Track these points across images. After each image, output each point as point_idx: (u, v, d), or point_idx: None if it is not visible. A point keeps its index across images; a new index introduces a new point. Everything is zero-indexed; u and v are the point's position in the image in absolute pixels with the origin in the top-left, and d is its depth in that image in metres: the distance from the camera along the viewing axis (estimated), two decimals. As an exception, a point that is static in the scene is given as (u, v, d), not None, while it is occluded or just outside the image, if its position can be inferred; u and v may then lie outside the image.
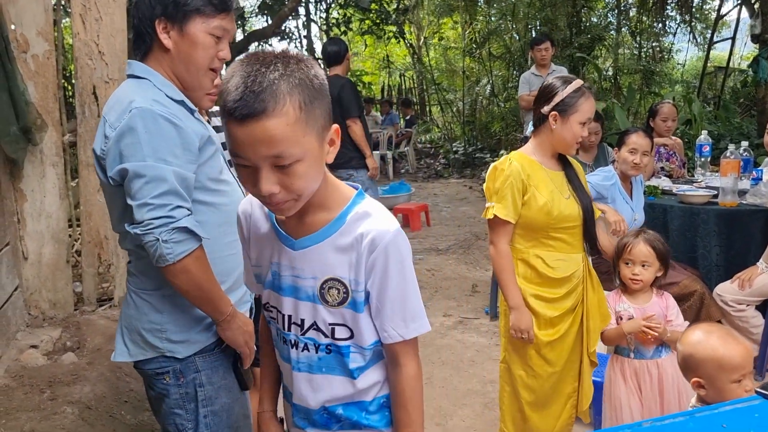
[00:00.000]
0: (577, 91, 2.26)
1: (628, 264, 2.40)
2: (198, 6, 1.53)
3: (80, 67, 3.79)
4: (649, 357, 2.35)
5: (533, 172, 2.29)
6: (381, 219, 1.22)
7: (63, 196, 3.77)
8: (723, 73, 10.76)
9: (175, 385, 1.57)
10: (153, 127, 1.43)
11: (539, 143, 2.36)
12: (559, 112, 2.27)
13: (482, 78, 12.22)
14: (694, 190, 3.77)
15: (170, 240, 1.41)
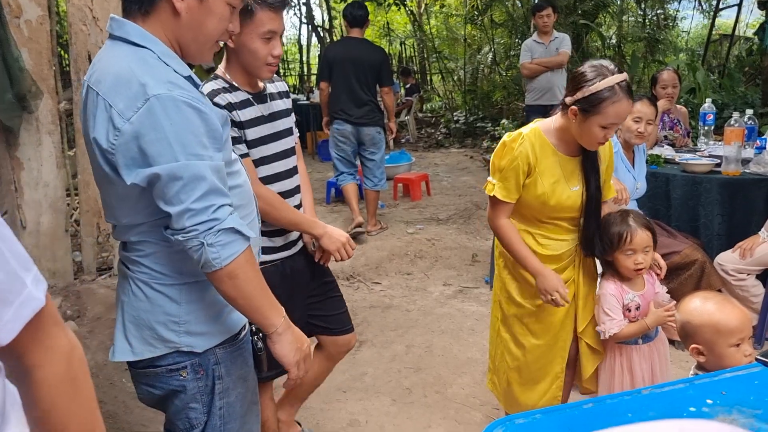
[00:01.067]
0: (608, 90, 1.96)
1: (630, 254, 2.21)
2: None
3: (74, 33, 3.72)
4: (654, 336, 2.30)
5: (543, 157, 2.13)
6: None
7: (60, 165, 3.74)
8: (728, 41, 10.61)
9: (193, 380, 1.45)
10: (178, 118, 1.27)
11: (560, 126, 2.14)
12: (581, 109, 2.01)
13: (484, 46, 12.05)
14: (697, 159, 3.73)
15: (216, 243, 1.29)
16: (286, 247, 2.13)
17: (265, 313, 1.41)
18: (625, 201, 3.12)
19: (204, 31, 1.39)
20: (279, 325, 1.43)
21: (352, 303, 4.15)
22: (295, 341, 1.47)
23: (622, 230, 2.20)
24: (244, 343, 1.56)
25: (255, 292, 1.37)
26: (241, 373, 1.54)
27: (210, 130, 1.33)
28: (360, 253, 4.96)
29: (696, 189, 3.49)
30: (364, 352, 3.50)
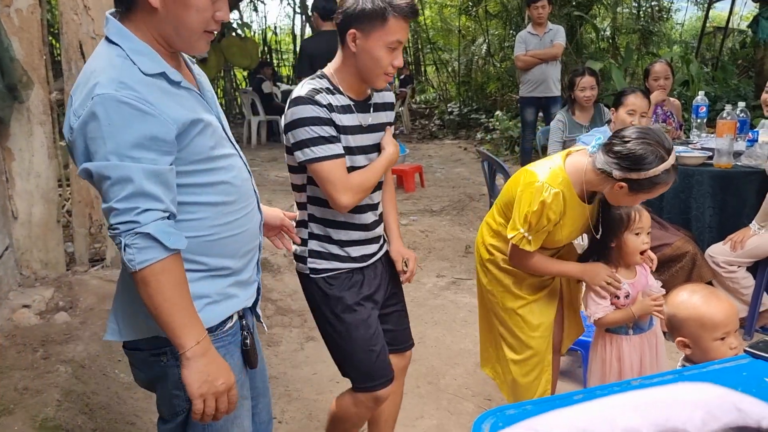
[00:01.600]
0: (665, 173, 1.94)
1: (638, 234, 2.18)
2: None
3: (65, 23, 3.69)
4: (647, 329, 2.29)
5: (569, 210, 2.09)
6: None
7: (52, 156, 3.72)
8: (722, 34, 10.62)
9: (173, 366, 1.43)
10: (117, 117, 1.26)
11: (591, 180, 2.05)
12: (631, 187, 1.96)
13: (478, 37, 12.03)
14: (689, 152, 3.74)
15: (132, 245, 1.27)
16: (361, 260, 2.05)
17: (174, 330, 1.32)
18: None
19: (184, 23, 1.35)
20: (188, 348, 1.33)
21: (346, 294, 4.16)
22: (207, 373, 1.35)
23: (629, 211, 2.19)
24: (228, 336, 1.52)
25: (164, 306, 1.31)
26: (232, 363, 1.50)
27: (157, 133, 1.29)
28: (353, 244, 4.97)
29: (688, 181, 3.50)
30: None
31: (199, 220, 1.42)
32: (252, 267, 1.59)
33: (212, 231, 1.44)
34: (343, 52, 1.92)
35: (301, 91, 1.88)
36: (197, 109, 1.41)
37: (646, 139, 1.94)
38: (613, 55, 9.88)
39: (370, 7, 1.80)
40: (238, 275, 1.53)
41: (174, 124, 1.32)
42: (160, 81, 1.35)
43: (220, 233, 1.46)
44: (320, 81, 1.94)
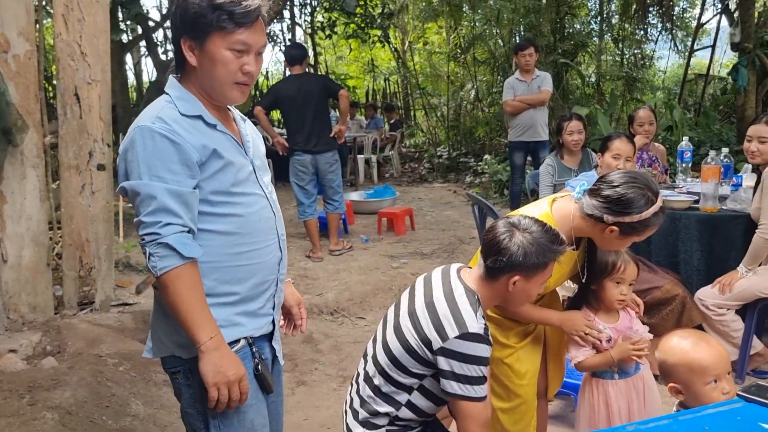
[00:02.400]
0: (655, 216, 1.97)
1: (618, 283, 2.21)
2: (215, 22, 1.51)
3: (62, 68, 3.75)
4: (633, 373, 2.26)
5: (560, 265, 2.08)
6: None
7: (44, 198, 3.72)
8: (703, 81, 10.91)
9: (185, 385, 1.64)
10: (150, 144, 1.51)
11: (577, 226, 2.08)
12: (622, 231, 1.98)
13: (467, 83, 12.27)
14: (675, 195, 3.81)
15: (155, 254, 1.49)
16: None
17: (191, 327, 1.52)
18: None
19: (215, 77, 1.58)
20: (202, 342, 1.52)
21: (337, 338, 4.13)
22: (220, 365, 1.53)
23: (616, 259, 2.21)
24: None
25: (182, 306, 1.51)
26: None
27: (182, 159, 1.53)
28: (344, 287, 4.96)
29: (675, 225, 3.55)
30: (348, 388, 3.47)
31: (210, 246, 1.58)
32: (265, 299, 1.70)
33: (221, 258, 1.60)
34: None
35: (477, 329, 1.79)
36: (229, 150, 1.62)
37: (634, 183, 1.97)
38: (598, 101, 10.11)
39: None
40: (246, 304, 1.66)
41: (197, 153, 1.54)
42: (196, 122, 1.59)
43: (229, 261, 1.62)
44: None
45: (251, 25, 1.54)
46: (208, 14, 1.51)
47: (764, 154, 3.24)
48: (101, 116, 3.84)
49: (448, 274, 1.92)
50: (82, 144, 3.80)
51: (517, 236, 1.80)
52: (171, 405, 2.98)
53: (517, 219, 1.87)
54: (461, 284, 1.87)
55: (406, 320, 1.84)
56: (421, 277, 2.00)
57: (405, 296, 1.98)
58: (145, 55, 12.03)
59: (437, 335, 1.77)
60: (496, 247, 1.80)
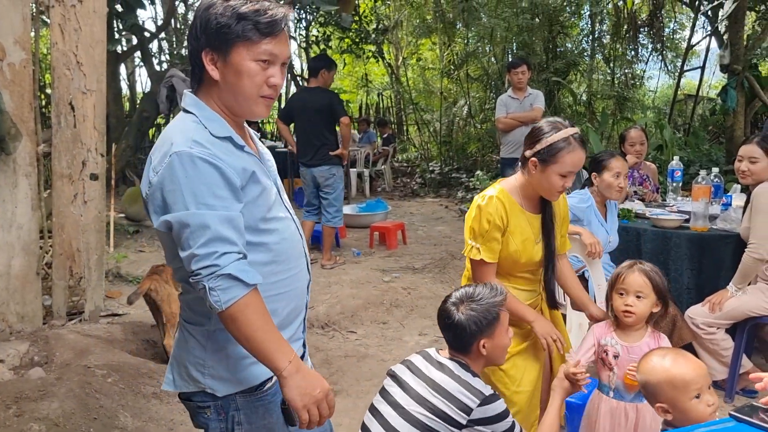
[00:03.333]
0: (564, 141, 2.14)
1: (622, 294, 2.20)
2: (240, 32, 1.44)
3: (57, 78, 3.75)
4: (628, 400, 2.21)
5: (512, 215, 2.27)
6: None
7: (35, 207, 3.70)
8: (693, 101, 11.05)
9: (215, 420, 1.57)
10: (192, 171, 1.40)
11: (523, 183, 2.29)
12: (540, 160, 2.17)
13: (459, 99, 12.36)
14: (666, 215, 3.84)
15: (216, 288, 1.39)
16: None
17: (268, 356, 1.44)
18: (598, 254, 3.20)
19: (240, 91, 1.49)
20: (284, 368, 1.44)
21: (327, 352, 4.11)
22: (304, 386, 1.46)
23: (620, 270, 2.24)
24: (269, 395, 1.58)
25: (256, 335, 1.42)
26: (264, 423, 1.58)
27: (227, 183, 1.44)
28: (336, 300, 4.95)
29: (666, 243, 3.58)
30: (339, 403, 3.44)
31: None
32: (296, 326, 1.67)
33: (260, 289, 1.48)
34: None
35: None
36: (260, 173, 1.55)
37: (547, 120, 2.25)
38: (590, 119, 10.20)
39: None
40: (282, 332, 1.55)
41: (238, 177, 1.46)
42: (226, 144, 1.50)
43: (266, 291, 1.51)
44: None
45: (277, 35, 1.49)
46: (232, 24, 1.44)
47: (755, 174, 3.27)
48: (95, 126, 3.83)
49: (430, 356, 1.99)
50: (76, 153, 3.79)
51: (461, 310, 1.92)
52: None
53: (458, 295, 1.98)
54: (449, 360, 1.94)
55: (417, 407, 1.84)
56: (402, 366, 2.00)
57: (392, 386, 1.95)
58: (139, 65, 12.03)
59: (461, 411, 1.81)
60: (452, 327, 1.94)
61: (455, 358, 1.93)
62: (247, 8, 1.45)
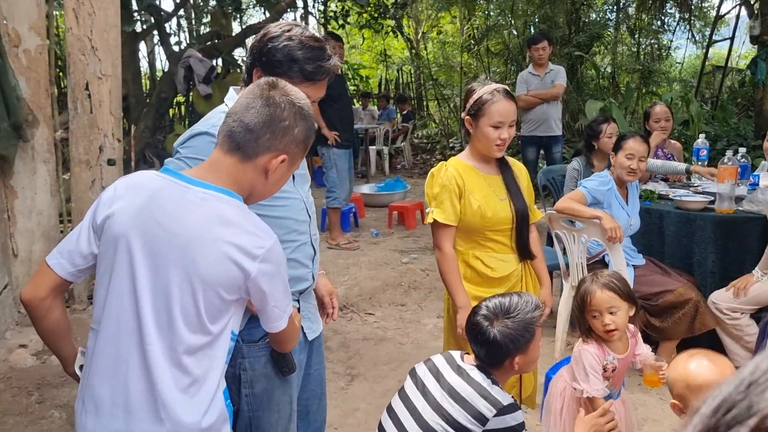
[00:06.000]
0: (489, 94, 2.29)
1: (596, 317, 2.17)
2: (288, 71, 1.66)
3: (73, 63, 3.74)
4: (616, 397, 2.26)
5: (467, 177, 2.38)
6: None
7: (54, 193, 3.73)
8: (721, 73, 10.74)
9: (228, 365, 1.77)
10: (201, 143, 1.63)
11: (471, 148, 2.45)
12: (471, 116, 2.33)
13: (480, 74, 12.16)
14: (691, 196, 3.74)
15: None
16: None
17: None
18: (618, 239, 3.13)
19: None
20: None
21: (345, 335, 4.12)
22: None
23: (583, 292, 2.20)
24: (268, 345, 1.72)
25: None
26: (264, 371, 1.76)
27: None
28: (354, 282, 4.95)
29: (690, 226, 3.49)
30: (356, 387, 3.47)
31: None
32: (296, 290, 1.82)
33: None
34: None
35: None
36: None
37: (477, 81, 2.40)
38: (613, 94, 9.98)
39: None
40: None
41: None
42: None
43: None
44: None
45: (317, 82, 1.71)
46: (284, 63, 1.67)
47: (783, 155, 3.16)
48: (111, 111, 3.83)
49: (453, 360, 1.92)
50: (93, 139, 3.79)
51: (496, 326, 1.81)
52: None
53: (491, 307, 1.86)
54: (472, 368, 1.87)
55: (433, 416, 1.80)
56: (423, 367, 1.96)
57: (412, 388, 1.92)
58: (158, 43, 12.02)
59: (476, 420, 1.76)
60: (486, 344, 1.83)
61: (479, 366, 1.87)
62: (301, 53, 1.68)
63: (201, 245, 1.33)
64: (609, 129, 4.01)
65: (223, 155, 1.43)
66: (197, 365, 1.36)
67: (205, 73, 6.45)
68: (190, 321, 1.34)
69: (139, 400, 1.33)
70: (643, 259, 3.47)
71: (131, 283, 1.35)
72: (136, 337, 1.34)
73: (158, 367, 1.33)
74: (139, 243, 1.35)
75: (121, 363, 1.34)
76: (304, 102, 1.47)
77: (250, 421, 1.82)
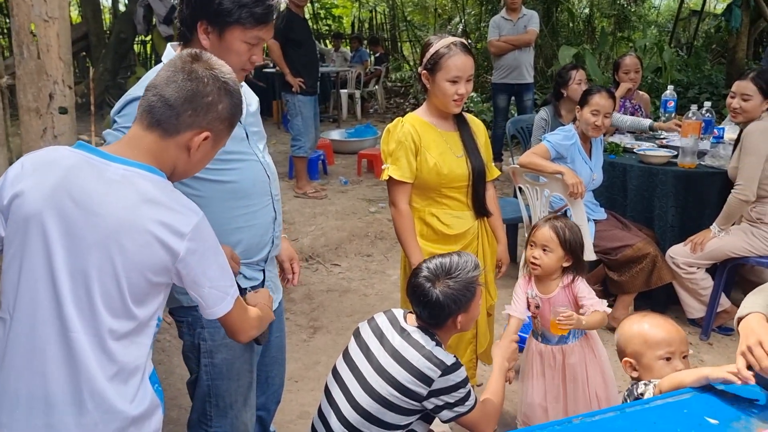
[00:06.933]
0: (445, 48, 2.24)
1: (532, 246, 2.29)
2: (239, 18, 1.62)
3: (16, 5, 3.51)
4: (554, 343, 2.32)
5: (424, 134, 2.34)
6: None
7: (2, 143, 3.58)
8: (697, 18, 10.63)
9: (187, 334, 1.80)
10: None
11: (428, 103, 2.41)
12: (429, 71, 2.29)
13: (454, 16, 11.88)
14: (654, 149, 3.74)
15: None
16: None
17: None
18: (580, 194, 3.12)
19: (226, 61, 1.48)
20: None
21: (310, 286, 4.12)
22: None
23: (537, 223, 2.36)
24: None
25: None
26: (225, 341, 1.75)
27: None
28: (320, 233, 4.92)
29: (652, 180, 3.50)
30: (318, 339, 3.49)
31: (207, 211, 1.41)
32: (260, 257, 1.84)
33: (219, 221, 1.60)
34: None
35: None
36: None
37: (434, 35, 2.39)
38: (589, 39, 9.84)
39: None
40: (244, 260, 1.77)
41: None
42: None
43: (228, 224, 1.71)
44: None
45: (268, 23, 1.67)
46: (233, 10, 1.61)
47: (746, 112, 3.15)
48: (61, 56, 3.63)
49: (396, 320, 1.90)
50: (41, 86, 3.61)
51: (438, 287, 1.80)
52: (181, 372, 2.96)
53: (432, 268, 1.84)
54: (415, 329, 1.85)
55: (378, 380, 1.79)
56: (366, 328, 1.94)
57: (356, 351, 1.91)
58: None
59: (422, 383, 1.75)
60: (428, 305, 1.81)
61: (422, 327, 1.87)
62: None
63: (124, 225, 1.25)
64: (578, 76, 3.94)
65: (142, 131, 1.33)
66: (123, 352, 1.29)
67: (165, 13, 6.18)
68: (113, 306, 1.27)
69: (61, 392, 1.26)
70: (605, 214, 3.49)
71: (47, 267, 1.25)
72: (56, 324, 1.26)
73: (83, 354, 1.26)
74: (54, 224, 1.24)
75: (37, 353, 1.26)
76: (229, 76, 1.38)
77: (209, 389, 1.83)
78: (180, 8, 1.71)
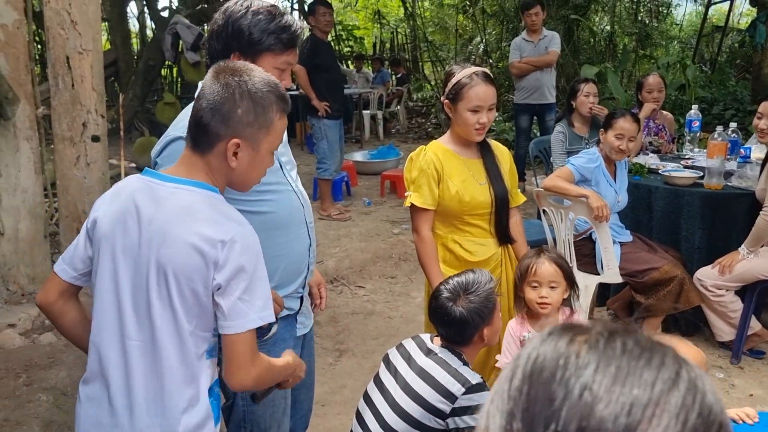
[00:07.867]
0: (467, 78, 2.27)
1: (535, 287, 2.18)
2: (269, 45, 1.69)
3: (52, 38, 3.65)
4: None
5: (446, 161, 2.37)
6: None
7: (38, 171, 3.70)
8: (720, 33, 10.55)
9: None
10: (177, 149, 1.54)
11: (451, 132, 2.44)
12: (450, 100, 2.32)
13: (475, 36, 11.95)
14: (680, 171, 3.72)
15: None
16: None
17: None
18: (605, 217, 3.12)
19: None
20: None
21: (335, 309, 4.15)
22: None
23: (529, 262, 2.22)
24: (265, 344, 1.69)
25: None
26: None
27: None
28: (344, 254, 4.96)
29: (678, 201, 3.48)
30: (344, 363, 3.50)
31: None
32: (296, 285, 1.85)
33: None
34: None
35: None
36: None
37: (456, 64, 2.45)
38: (610, 57, 9.81)
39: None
40: (280, 290, 1.76)
41: None
42: None
43: (266, 253, 1.63)
44: None
45: (296, 47, 1.75)
46: (263, 39, 1.68)
47: (773, 132, 3.13)
48: (94, 86, 3.76)
49: (423, 343, 1.95)
50: (75, 115, 3.73)
51: (460, 304, 1.85)
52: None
53: (450, 288, 1.89)
54: (441, 348, 1.90)
55: (404, 397, 1.82)
56: (395, 352, 1.99)
57: (386, 374, 1.95)
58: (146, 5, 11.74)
59: (446, 399, 1.77)
60: (453, 323, 1.86)
61: (448, 347, 1.90)
62: (273, 25, 1.69)
63: (167, 237, 1.34)
64: (587, 88, 4.07)
65: (190, 153, 1.44)
66: (177, 363, 1.38)
67: (192, 40, 6.32)
68: (165, 317, 1.36)
69: (120, 396, 1.38)
70: (631, 236, 3.47)
71: (113, 283, 1.38)
72: (117, 333, 1.38)
73: (134, 361, 1.37)
74: (119, 244, 1.37)
75: (103, 360, 1.39)
76: (252, 81, 1.40)
77: (244, 415, 1.84)
78: (210, 43, 1.76)
